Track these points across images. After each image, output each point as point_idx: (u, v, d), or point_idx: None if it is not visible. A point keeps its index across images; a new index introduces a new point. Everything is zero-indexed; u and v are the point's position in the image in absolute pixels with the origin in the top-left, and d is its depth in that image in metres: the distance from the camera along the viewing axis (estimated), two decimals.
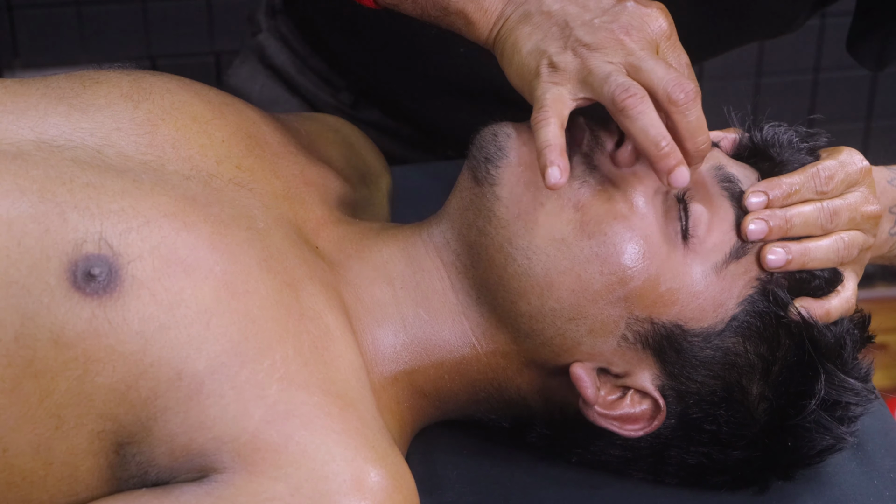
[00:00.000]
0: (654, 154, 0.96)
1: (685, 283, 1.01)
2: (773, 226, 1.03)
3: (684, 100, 0.97)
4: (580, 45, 0.99)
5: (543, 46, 1.00)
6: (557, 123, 0.97)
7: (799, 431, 1.04)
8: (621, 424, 1.04)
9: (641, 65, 0.98)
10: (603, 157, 1.02)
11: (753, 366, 1.03)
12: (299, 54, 1.48)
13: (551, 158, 0.95)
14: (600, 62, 0.98)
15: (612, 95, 0.96)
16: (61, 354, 0.91)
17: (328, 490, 0.91)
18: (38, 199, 0.93)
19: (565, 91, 0.98)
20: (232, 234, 0.97)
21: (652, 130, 0.96)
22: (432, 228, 1.07)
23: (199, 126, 1.05)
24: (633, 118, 0.96)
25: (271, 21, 1.51)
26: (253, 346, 0.94)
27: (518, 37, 1.01)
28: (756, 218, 1.03)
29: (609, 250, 1.00)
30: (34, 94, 1.02)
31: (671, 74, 0.97)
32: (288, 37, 1.49)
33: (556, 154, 0.95)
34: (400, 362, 1.04)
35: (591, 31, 0.99)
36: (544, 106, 0.97)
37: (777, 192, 1.04)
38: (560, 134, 0.97)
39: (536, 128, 0.97)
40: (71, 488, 0.94)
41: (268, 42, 1.50)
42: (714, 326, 1.02)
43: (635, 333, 1.02)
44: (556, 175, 0.95)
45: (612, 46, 0.99)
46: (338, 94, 1.47)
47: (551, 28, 1.00)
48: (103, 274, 0.92)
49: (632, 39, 0.99)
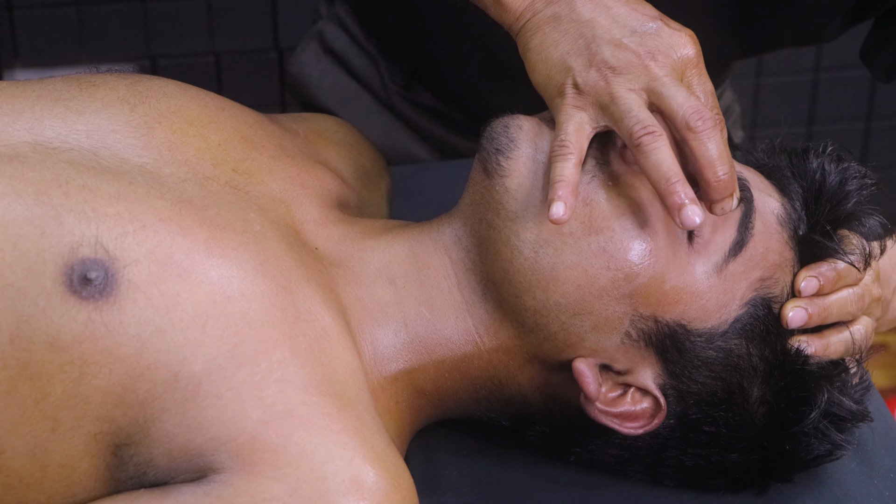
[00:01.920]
0: (663, 189, 0.96)
1: (689, 282, 1.01)
2: (812, 313, 1.03)
3: (702, 127, 0.97)
4: (605, 66, 0.99)
5: (569, 62, 1.00)
6: (576, 160, 0.97)
7: (798, 436, 1.04)
8: (621, 422, 1.04)
9: (663, 90, 0.98)
10: (613, 153, 1.02)
11: (756, 369, 1.03)
12: (356, 38, 1.49)
13: (561, 194, 0.96)
14: (623, 90, 0.98)
15: (631, 131, 0.97)
16: (57, 357, 0.91)
17: (327, 490, 0.91)
18: (33, 201, 0.94)
19: (586, 118, 0.99)
20: (228, 238, 0.97)
21: (663, 166, 0.96)
22: (443, 227, 1.07)
23: (196, 129, 1.05)
24: (647, 154, 0.96)
25: (331, 7, 1.53)
26: (249, 348, 0.94)
27: (544, 39, 1.01)
28: (797, 307, 1.03)
29: (616, 246, 1.00)
30: (30, 96, 1.02)
31: (691, 102, 0.97)
32: (346, 21, 1.50)
33: (568, 191, 0.96)
34: (400, 361, 1.04)
35: (618, 51, 0.99)
36: (566, 139, 0.98)
37: (828, 282, 1.04)
38: (576, 172, 0.97)
39: (554, 158, 0.98)
40: (68, 490, 0.94)
41: (326, 28, 1.52)
42: (717, 327, 1.02)
43: (639, 331, 1.02)
44: (560, 211, 0.95)
45: (637, 71, 0.99)
46: (391, 77, 1.48)
47: (578, 40, 1.00)
48: (100, 278, 0.92)
49: (657, 65, 0.99)
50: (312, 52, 1.53)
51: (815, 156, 1.07)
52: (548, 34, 1.01)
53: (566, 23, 1.01)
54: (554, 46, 1.01)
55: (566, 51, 1.00)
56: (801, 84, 2.37)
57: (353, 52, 1.50)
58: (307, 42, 1.55)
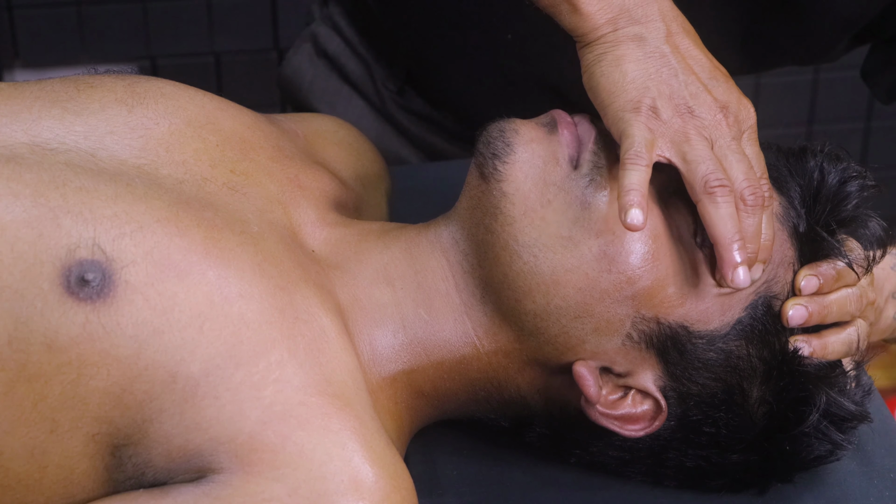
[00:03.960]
0: (725, 244, 0.98)
1: (693, 285, 1.01)
2: (812, 311, 1.03)
3: (753, 203, 0.99)
4: (685, 105, 1.00)
5: (650, 85, 1.00)
6: (648, 172, 0.97)
7: (798, 437, 1.04)
8: (622, 424, 1.04)
9: (729, 155, 1.00)
10: (611, 155, 1.02)
11: (755, 369, 1.03)
12: (349, 41, 1.49)
13: (638, 200, 0.96)
14: (698, 135, 0.99)
15: (706, 178, 0.98)
16: (55, 359, 0.91)
17: (326, 490, 0.91)
18: (31, 203, 0.94)
19: (655, 142, 0.99)
20: (225, 239, 0.97)
21: (731, 223, 0.98)
22: (440, 229, 1.06)
23: (194, 130, 1.05)
24: (717, 205, 0.97)
25: (324, 9, 1.53)
26: (247, 349, 0.94)
27: (626, 54, 1.01)
28: (798, 304, 1.03)
29: (617, 249, 1.00)
30: (28, 97, 1.02)
31: (750, 176, 0.99)
32: (339, 24, 1.50)
33: (641, 198, 0.96)
34: (399, 362, 1.04)
35: (698, 95, 1.01)
36: (641, 150, 0.98)
37: (828, 281, 1.04)
38: (647, 183, 0.97)
39: (628, 166, 0.97)
40: (67, 491, 0.94)
41: (320, 30, 1.52)
42: (720, 329, 1.02)
43: (640, 333, 1.02)
44: (638, 217, 0.95)
45: (710, 121, 1.00)
46: (384, 82, 1.48)
47: (661, 69, 1.01)
48: (97, 279, 0.92)
49: (727, 122, 1.01)
50: (305, 54, 1.53)
51: (813, 155, 1.07)
52: (630, 50, 1.02)
53: (651, 47, 1.02)
54: (636, 63, 1.01)
55: (648, 73, 1.01)
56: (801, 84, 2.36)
57: (346, 55, 1.50)
58: (300, 44, 1.55)
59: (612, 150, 1.02)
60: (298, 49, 1.54)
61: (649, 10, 1.03)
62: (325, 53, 1.51)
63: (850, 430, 1.06)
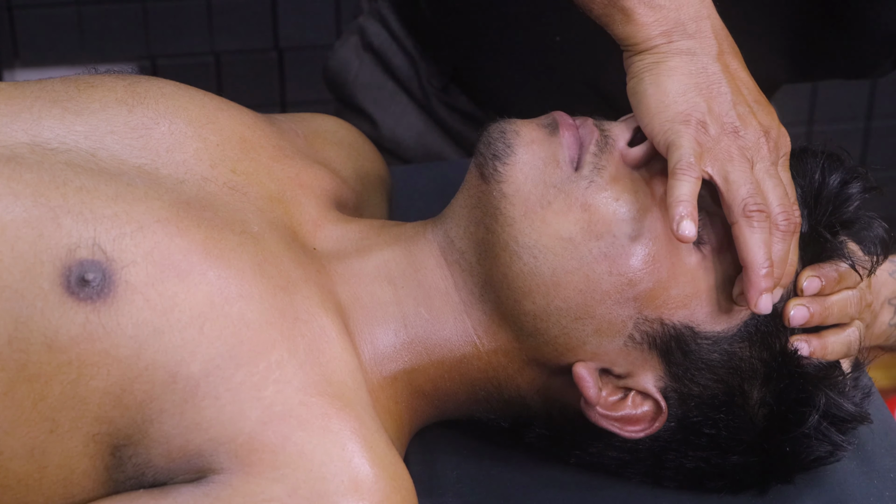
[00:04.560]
0: (756, 269, 0.98)
1: (697, 287, 1.01)
2: (813, 312, 1.03)
3: (786, 228, 1.00)
4: (732, 125, 1.01)
5: (701, 100, 1.01)
6: (698, 184, 0.98)
7: (798, 438, 1.04)
8: (622, 425, 1.04)
9: (767, 179, 1.00)
10: (612, 156, 1.02)
11: (756, 371, 1.03)
12: (396, 36, 1.49)
13: (689, 211, 0.97)
14: (741, 157, 1.00)
15: (746, 201, 0.98)
16: (55, 359, 0.91)
17: (326, 491, 0.91)
18: (31, 203, 0.94)
19: (704, 156, 1.00)
20: (226, 239, 0.97)
21: (764, 249, 0.98)
22: (437, 227, 1.06)
23: (194, 130, 1.05)
24: (754, 230, 0.98)
25: (372, 3, 1.53)
26: (248, 349, 0.94)
27: (677, 67, 1.02)
28: (800, 304, 1.03)
29: (618, 251, 1.00)
30: (28, 97, 1.02)
31: (785, 201, 1.00)
32: (387, 18, 1.50)
33: (693, 209, 0.97)
34: (399, 361, 1.04)
35: (744, 115, 1.02)
36: (692, 161, 0.98)
37: (830, 282, 1.04)
38: (697, 194, 0.98)
39: (679, 176, 0.98)
40: (66, 491, 0.94)
41: (367, 23, 1.52)
42: (726, 331, 1.02)
43: (643, 333, 1.01)
44: (691, 228, 0.96)
45: (753, 143, 1.01)
46: (429, 78, 1.48)
47: (713, 86, 1.02)
48: (97, 279, 0.92)
49: (767, 147, 1.02)
50: (352, 47, 1.53)
51: (813, 156, 1.07)
52: (682, 64, 1.02)
53: (702, 63, 1.02)
54: (687, 77, 1.02)
55: (699, 89, 1.02)
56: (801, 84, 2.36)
57: (392, 50, 1.50)
58: (347, 37, 1.55)
59: (613, 153, 1.02)
60: (345, 41, 1.55)
61: (702, 25, 1.03)
62: (372, 47, 1.51)
63: (850, 430, 1.06)
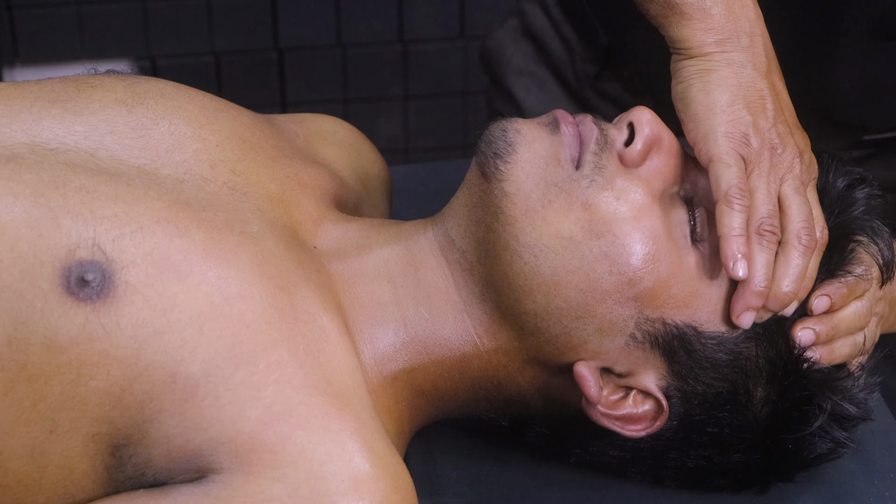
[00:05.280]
0: (749, 285, 0.99)
1: (697, 286, 1.01)
2: (820, 332, 1.03)
3: (808, 243, 1.01)
4: (771, 143, 1.03)
5: (747, 114, 1.03)
6: (748, 213, 1.00)
7: (800, 435, 1.04)
8: (623, 424, 1.04)
9: (797, 196, 1.02)
10: (612, 156, 1.02)
11: (761, 369, 1.03)
12: (554, 21, 1.50)
13: (744, 251, 0.99)
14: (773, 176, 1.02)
15: (762, 221, 1.00)
16: (54, 359, 0.91)
17: (326, 490, 0.91)
18: (31, 203, 0.94)
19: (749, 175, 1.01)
20: (225, 239, 0.97)
21: (766, 270, 1.00)
22: (437, 226, 1.06)
23: (194, 130, 1.05)
24: (762, 249, 1.00)
25: None
26: (247, 349, 0.94)
27: (727, 77, 1.03)
28: (807, 328, 1.03)
29: (618, 251, 1.00)
30: (28, 97, 1.02)
31: (810, 219, 1.02)
32: (547, 3, 1.51)
33: (744, 245, 0.99)
34: (399, 361, 1.04)
35: (784, 135, 1.04)
36: (742, 189, 1.00)
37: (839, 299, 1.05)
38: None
39: (733, 205, 1.00)
40: (66, 491, 0.95)
41: (529, 7, 1.53)
42: (731, 330, 1.02)
43: (644, 333, 1.01)
44: (745, 269, 0.99)
45: (788, 164, 1.03)
46: (583, 64, 1.48)
47: (759, 102, 1.03)
48: (97, 280, 0.92)
49: (799, 169, 1.03)
50: (510, 29, 1.54)
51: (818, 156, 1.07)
52: (732, 76, 1.04)
53: (751, 78, 1.04)
54: (736, 90, 1.03)
55: (747, 102, 1.03)
56: None
57: (550, 35, 1.50)
58: (507, 18, 1.56)
59: (613, 152, 1.02)
60: (504, 23, 1.55)
61: (755, 41, 1.05)
62: (530, 32, 1.51)
63: (853, 428, 1.06)
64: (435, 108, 2.30)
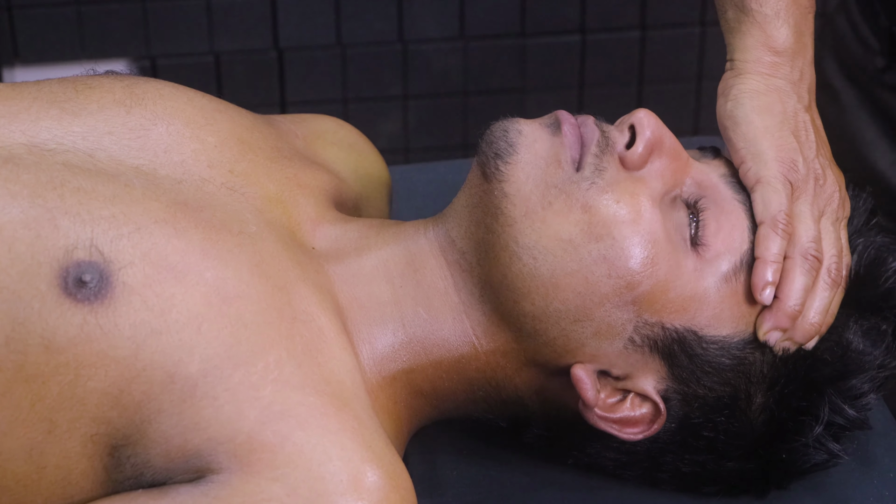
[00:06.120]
0: (785, 309, 1.01)
1: (697, 290, 1.01)
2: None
3: (835, 278, 1.02)
4: (816, 174, 1.05)
5: (794, 142, 1.04)
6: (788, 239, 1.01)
7: (795, 445, 1.04)
8: (620, 427, 1.03)
9: (830, 231, 1.04)
10: (612, 158, 1.02)
11: (764, 375, 1.03)
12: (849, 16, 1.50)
13: (774, 279, 1.01)
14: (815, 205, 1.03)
15: (809, 246, 1.02)
16: (52, 359, 0.91)
17: (325, 490, 0.91)
18: (28, 204, 0.94)
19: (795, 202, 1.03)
20: (223, 239, 0.97)
21: (803, 293, 1.01)
22: (437, 226, 1.06)
23: (192, 131, 1.05)
24: (806, 273, 1.01)
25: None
26: (245, 349, 0.94)
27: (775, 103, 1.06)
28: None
29: (617, 254, 1.00)
30: (26, 98, 1.02)
31: (839, 256, 1.03)
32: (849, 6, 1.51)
33: (777, 274, 1.01)
34: (398, 361, 1.04)
35: (826, 167, 1.06)
36: (788, 216, 1.02)
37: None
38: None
39: (777, 229, 1.01)
40: (65, 491, 0.95)
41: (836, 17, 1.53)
42: (733, 336, 1.02)
43: (643, 337, 1.01)
44: (771, 296, 1.01)
45: (829, 195, 1.05)
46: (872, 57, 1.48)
47: (803, 132, 1.06)
48: (94, 280, 0.92)
49: (837, 203, 1.05)
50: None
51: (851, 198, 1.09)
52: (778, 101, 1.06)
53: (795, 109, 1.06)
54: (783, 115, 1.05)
55: (795, 129, 1.05)
56: None
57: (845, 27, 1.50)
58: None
59: (614, 154, 1.02)
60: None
61: (804, 78, 1.08)
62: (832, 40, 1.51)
63: (848, 439, 1.05)
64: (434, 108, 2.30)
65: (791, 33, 1.07)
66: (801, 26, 1.08)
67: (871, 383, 1.04)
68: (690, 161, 1.04)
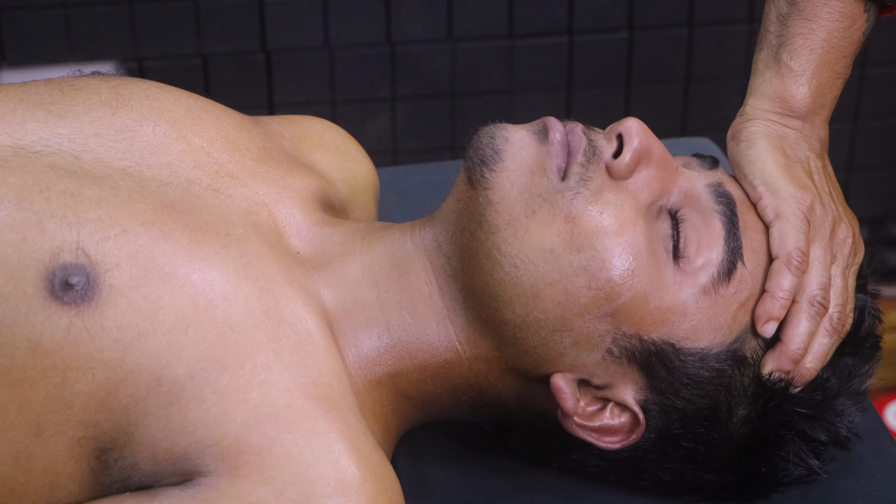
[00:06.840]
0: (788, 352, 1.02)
1: (675, 302, 1.01)
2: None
3: (837, 326, 1.03)
4: (833, 216, 1.06)
5: (812, 187, 1.05)
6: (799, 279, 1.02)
7: (774, 459, 1.04)
8: (599, 436, 1.03)
9: (839, 279, 1.04)
10: (599, 168, 1.01)
11: (746, 389, 1.03)
12: None
13: (780, 315, 1.02)
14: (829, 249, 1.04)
15: (818, 294, 1.02)
16: (39, 363, 0.91)
17: (313, 493, 0.91)
18: (14, 207, 0.94)
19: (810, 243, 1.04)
20: (210, 241, 0.97)
21: (807, 339, 1.02)
22: (424, 231, 1.06)
23: (178, 131, 1.04)
24: (811, 318, 1.02)
25: None
26: (232, 351, 0.94)
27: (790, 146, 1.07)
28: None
29: (598, 265, 0.99)
30: (12, 100, 1.02)
31: (844, 306, 1.04)
32: None
33: (783, 311, 1.02)
34: (383, 365, 1.04)
35: (841, 214, 1.07)
36: (805, 255, 1.02)
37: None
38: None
39: (791, 266, 1.02)
40: (52, 494, 0.94)
41: None
42: (711, 348, 1.02)
43: (621, 348, 1.01)
44: (773, 330, 1.02)
45: (842, 240, 1.06)
46: None
47: (818, 175, 1.07)
48: (81, 283, 0.92)
49: (849, 248, 1.06)
50: None
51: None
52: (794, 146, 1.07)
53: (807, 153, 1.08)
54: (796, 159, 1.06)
55: (811, 174, 1.06)
56: None
57: None
58: None
59: (600, 163, 1.02)
60: None
61: (818, 131, 1.09)
62: None
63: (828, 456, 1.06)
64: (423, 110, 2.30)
65: (810, 94, 1.08)
66: (825, 89, 1.09)
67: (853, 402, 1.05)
68: (679, 170, 1.04)
